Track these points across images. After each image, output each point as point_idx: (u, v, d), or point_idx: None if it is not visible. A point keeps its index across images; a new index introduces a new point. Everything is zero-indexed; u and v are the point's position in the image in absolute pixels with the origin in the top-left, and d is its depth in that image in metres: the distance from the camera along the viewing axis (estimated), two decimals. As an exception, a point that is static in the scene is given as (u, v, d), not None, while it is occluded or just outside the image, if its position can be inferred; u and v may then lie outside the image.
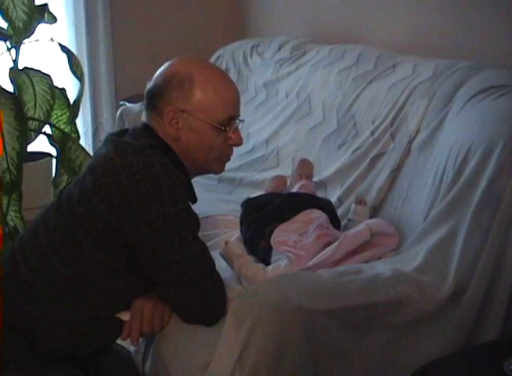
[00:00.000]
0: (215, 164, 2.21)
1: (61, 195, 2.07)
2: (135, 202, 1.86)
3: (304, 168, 2.96)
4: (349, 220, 2.55)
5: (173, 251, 1.90)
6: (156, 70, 2.20)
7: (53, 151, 3.65)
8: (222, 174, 3.47)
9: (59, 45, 3.63)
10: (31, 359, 1.98)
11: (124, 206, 1.87)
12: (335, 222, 2.50)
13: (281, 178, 3.02)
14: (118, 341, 2.16)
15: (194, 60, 2.24)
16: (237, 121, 2.18)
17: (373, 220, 2.38)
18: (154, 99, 2.12)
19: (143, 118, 2.19)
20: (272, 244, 2.34)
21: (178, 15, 5.26)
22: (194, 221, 1.99)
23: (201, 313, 2.00)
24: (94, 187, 1.92)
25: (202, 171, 2.23)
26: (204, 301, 1.98)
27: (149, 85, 2.16)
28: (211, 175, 3.42)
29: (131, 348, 2.25)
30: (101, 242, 1.93)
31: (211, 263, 2.01)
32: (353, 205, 2.60)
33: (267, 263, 2.29)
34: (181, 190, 1.94)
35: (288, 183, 2.94)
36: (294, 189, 2.79)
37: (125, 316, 2.04)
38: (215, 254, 2.17)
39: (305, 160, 3.03)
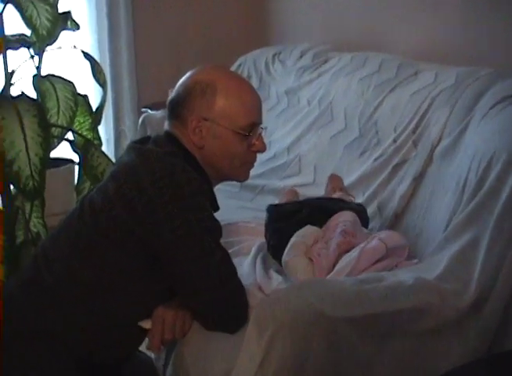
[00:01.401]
0: (240, 171, 2.21)
1: (83, 202, 2.07)
2: (157, 209, 1.87)
3: (336, 182, 2.97)
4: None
5: (196, 257, 1.91)
6: (179, 77, 2.20)
7: (76, 158, 3.66)
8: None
9: (82, 52, 3.64)
10: (52, 366, 1.98)
11: (147, 213, 1.87)
12: (363, 222, 2.50)
13: (293, 192, 3.04)
14: (139, 348, 2.17)
15: (215, 68, 2.25)
16: (260, 127, 2.18)
17: (387, 233, 2.35)
18: (177, 109, 2.12)
19: (166, 127, 2.18)
20: None
21: (200, 22, 5.27)
22: (217, 228, 1.99)
23: (223, 321, 2.00)
24: (116, 194, 1.93)
25: (226, 178, 2.24)
26: (226, 308, 1.98)
27: (172, 95, 2.16)
28: (233, 183, 3.46)
29: (152, 355, 2.26)
30: (124, 248, 1.94)
31: (233, 270, 2.01)
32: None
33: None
34: (203, 198, 1.95)
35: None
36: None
37: (147, 324, 2.04)
38: (237, 261, 2.18)
39: (335, 175, 3.05)
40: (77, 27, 3.66)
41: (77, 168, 3.63)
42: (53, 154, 3.53)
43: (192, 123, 2.08)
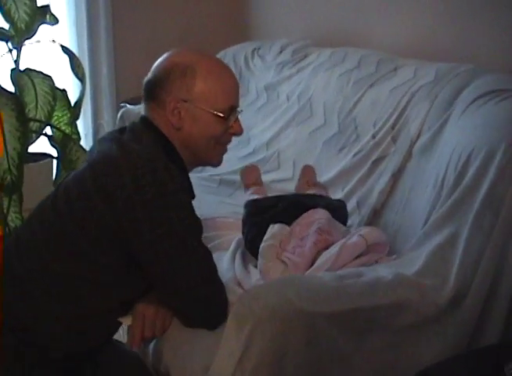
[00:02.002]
0: (214, 154, 2.18)
1: (58, 188, 2.05)
2: (138, 207, 1.84)
3: (309, 175, 2.98)
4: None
5: (177, 256, 1.89)
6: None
7: (54, 152, 3.64)
8: (223, 176, 3.52)
9: (61, 46, 3.63)
10: (20, 360, 1.94)
11: (127, 209, 1.85)
12: (341, 218, 2.51)
13: (253, 168, 3.06)
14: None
15: (193, 51, 2.21)
16: (238, 110, 2.16)
17: (368, 229, 2.35)
18: (154, 90, 2.10)
19: (142, 112, 2.16)
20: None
21: (179, 17, 5.26)
22: (198, 226, 1.98)
23: (203, 318, 2.00)
24: (95, 185, 1.90)
25: (201, 162, 2.23)
26: (207, 305, 1.98)
27: (148, 77, 2.14)
28: (213, 178, 3.45)
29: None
30: (99, 242, 1.91)
31: (214, 268, 2.00)
32: None
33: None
34: (184, 195, 1.93)
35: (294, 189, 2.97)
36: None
37: (127, 321, 2.04)
38: (216, 256, 2.17)
39: (308, 166, 3.05)
40: (55, 21, 3.64)
41: (55, 162, 3.62)
42: (31, 149, 3.52)
43: (171, 104, 2.06)
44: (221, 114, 2.09)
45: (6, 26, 3.34)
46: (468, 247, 1.97)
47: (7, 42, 3.42)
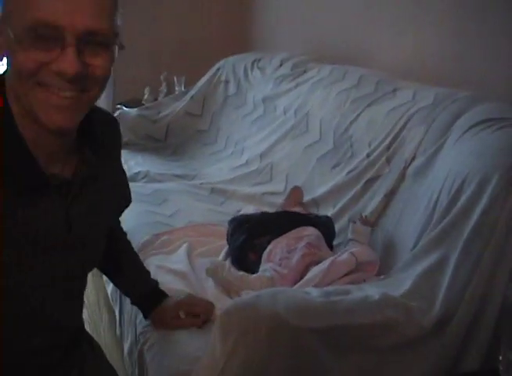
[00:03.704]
0: (35, 103, 1.39)
1: None
2: None
3: (297, 196, 3.00)
4: (350, 240, 2.55)
5: None
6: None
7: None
8: (214, 185, 3.54)
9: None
10: None
11: None
12: (330, 239, 2.51)
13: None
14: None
15: None
16: (68, 33, 1.34)
17: (359, 248, 2.38)
18: None
19: None
20: (262, 259, 2.35)
21: (180, 22, 5.29)
22: None
23: None
24: None
25: (31, 116, 1.41)
26: None
27: None
28: (204, 186, 3.46)
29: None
30: None
31: None
32: (351, 224, 2.60)
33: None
34: None
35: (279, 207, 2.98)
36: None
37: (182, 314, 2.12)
38: (207, 262, 2.17)
39: (298, 188, 3.08)
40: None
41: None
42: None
43: None
44: (30, 35, 1.34)
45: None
46: (456, 273, 1.98)
47: None
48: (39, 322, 1.58)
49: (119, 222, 2.10)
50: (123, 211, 2.01)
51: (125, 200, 1.99)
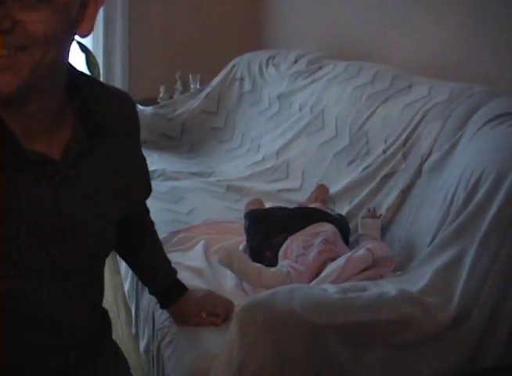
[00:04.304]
0: None
1: None
2: None
3: (321, 193, 2.99)
4: (360, 235, 2.55)
5: None
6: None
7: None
8: (231, 183, 3.54)
9: (78, 43, 3.64)
10: None
11: None
12: (346, 235, 2.51)
13: (258, 201, 3.06)
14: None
15: None
16: None
17: (375, 244, 2.37)
18: None
19: None
20: (279, 256, 2.35)
21: (196, 20, 5.29)
22: None
23: None
24: None
25: None
26: None
27: None
28: (220, 184, 3.46)
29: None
30: None
31: None
32: (360, 219, 2.60)
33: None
34: None
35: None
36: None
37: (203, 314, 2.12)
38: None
39: (323, 185, 3.06)
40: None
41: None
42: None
43: None
44: None
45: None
46: (474, 268, 1.97)
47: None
48: (38, 322, 1.50)
49: (143, 211, 1.99)
50: (141, 200, 1.92)
51: (141, 190, 1.85)
